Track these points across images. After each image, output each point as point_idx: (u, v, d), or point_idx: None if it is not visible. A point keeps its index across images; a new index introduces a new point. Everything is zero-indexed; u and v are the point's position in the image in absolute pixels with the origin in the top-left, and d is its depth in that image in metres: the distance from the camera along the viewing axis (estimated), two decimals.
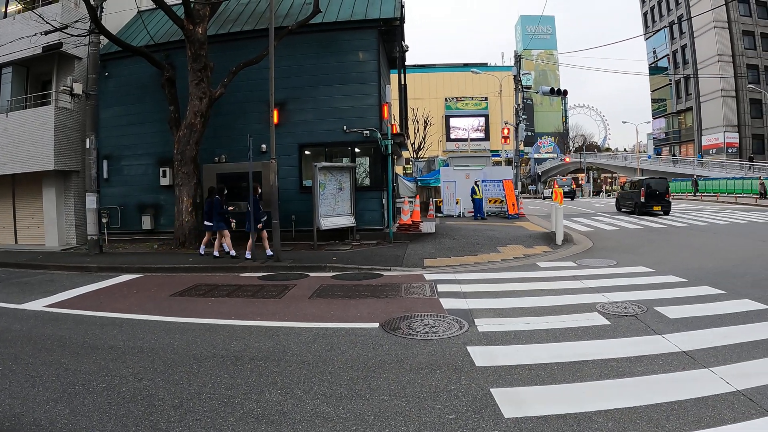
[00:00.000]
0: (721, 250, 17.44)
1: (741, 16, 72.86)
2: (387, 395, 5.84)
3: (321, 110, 21.08)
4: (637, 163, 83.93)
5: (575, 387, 6.10)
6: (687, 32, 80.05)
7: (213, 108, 19.94)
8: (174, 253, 18.59)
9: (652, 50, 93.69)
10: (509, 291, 11.46)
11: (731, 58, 72.38)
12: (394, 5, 22.10)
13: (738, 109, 72.63)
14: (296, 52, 21.16)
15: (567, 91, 37.55)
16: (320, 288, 12.11)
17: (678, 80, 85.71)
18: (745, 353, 7.04)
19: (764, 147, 66.09)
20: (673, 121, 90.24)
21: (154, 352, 7.42)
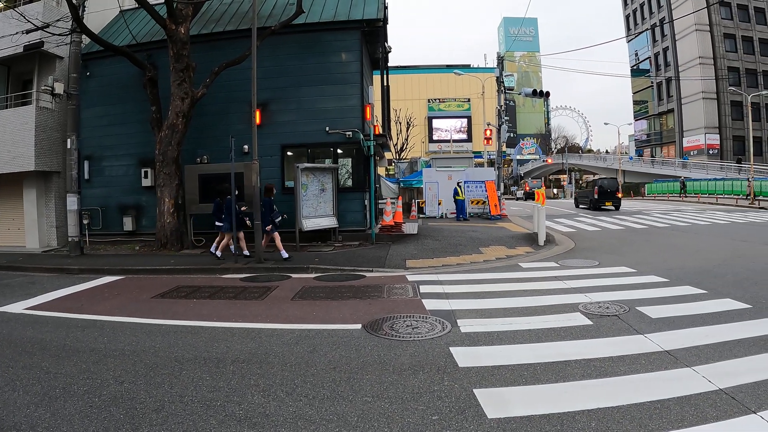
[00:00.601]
0: (702, 250, 17.56)
1: (722, 20, 73.78)
2: (370, 397, 5.83)
3: (303, 111, 21.05)
4: (619, 164, 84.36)
5: (558, 387, 6.12)
6: (669, 35, 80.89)
7: (195, 108, 19.83)
8: (156, 254, 18.50)
9: (634, 52, 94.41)
10: (492, 291, 11.49)
11: (712, 60, 73.25)
12: (377, 6, 22.12)
13: (719, 111, 73.45)
14: (279, 53, 21.12)
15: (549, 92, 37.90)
16: (303, 289, 12.10)
17: (660, 82, 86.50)
18: (727, 352, 7.10)
19: (745, 149, 66.58)
20: (655, 122, 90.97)
21: (135, 355, 7.37)
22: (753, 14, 75.00)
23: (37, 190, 22.89)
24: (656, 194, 66.27)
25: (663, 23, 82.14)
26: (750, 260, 15.09)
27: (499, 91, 38.27)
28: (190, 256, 17.62)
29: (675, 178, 66.43)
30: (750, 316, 8.88)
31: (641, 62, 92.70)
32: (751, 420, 5.20)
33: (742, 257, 15.72)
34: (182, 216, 19.48)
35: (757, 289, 11.12)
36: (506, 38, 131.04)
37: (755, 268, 13.73)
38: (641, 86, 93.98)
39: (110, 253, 19.36)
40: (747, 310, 9.29)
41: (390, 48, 25.63)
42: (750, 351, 7.13)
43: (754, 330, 8.04)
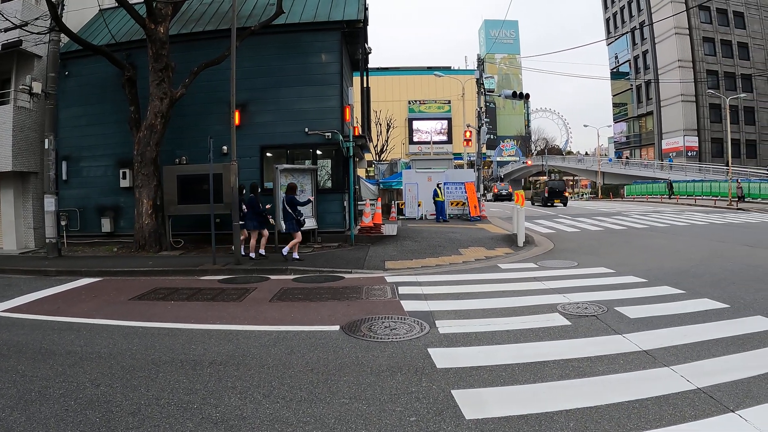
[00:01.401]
0: (680, 250, 17.69)
1: (702, 23, 74.57)
2: (347, 398, 5.82)
3: (283, 112, 21.00)
4: (598, 166, 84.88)
5: (536, 387, 6.13)
6: (648, 38, 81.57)
7: (174, 109, 19.72)
8: (134, 256, 18.37)
9: (614, 55, 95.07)
10: (470, 293, 11.51)
11: (691, 63, 73.95)
12: (358, 7, 22.10)
13: (698, 113, 74.17)
14: (259, 53, 21.06)
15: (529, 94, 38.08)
16: (281, 291, 12.07)
17: (639, 85, 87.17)
18: (705, 351, 7.16)
19: (723, 150, 67.19)
20: (634, 124, 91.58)
21: (112, 358, 7.31)
22: (732, 18, 75.78)
23: (15, 191, 22.66)
24: (635, 195, 66.71)
25: (643, 26, 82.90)
26: (728, 260, 15.24)
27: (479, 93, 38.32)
28: (169, 258, 17.52)
29: (654, 179, 66.94)
30: (728, 316, 8.99)
31: (621, 65, 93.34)
32: (730, 419, 5.23)
33: (720, 257, 15.88)
34: (161, 217, 19.36)
35: (735, 288, 11.25)
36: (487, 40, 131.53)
37: (733, 268, 13.88)
38: (621, 89, 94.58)
39: (88, 255, 19.21)
40: (725, 310, 9.40)
41: (370, 49, 25.62)
42: (728, 350, 7.20)
43: (732, 329, 8.13)
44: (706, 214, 35.75)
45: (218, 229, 17.46)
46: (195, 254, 18.29)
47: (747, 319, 8.79)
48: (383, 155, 74.76)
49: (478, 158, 39.06)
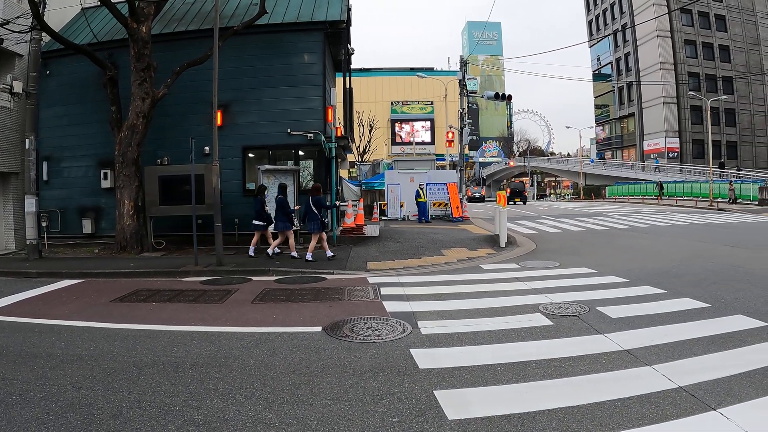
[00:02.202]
0: (661, 251, 17.80)
1: (683, 26, 75.33)
2: (329, 399, 5.80)
3: (265, 112, 20.99)
4: (580, 167, 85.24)
5: (519, 387, 6.15)
6: (630, 40, 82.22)
7: (156, 109, 19.60)
8: (115, 257, 18.26)
9: (597, 57, 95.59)
10: (453, 293, 11.53)
11: (673, 66, 74.67)
12: (341, 8, 22.11)
13: (679, 115, 74.80)
14: (241, 54, 21.00)
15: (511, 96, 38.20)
16: (263, 292, 12.03)
17: (621, 87, 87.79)
18: (686, 350, 7.22)
19: (704, 152, 67.72)
20: (616, 126, 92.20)
21: (93, 360, 7.25)
22: (713, 21, 76.59)
23: None
24: (617, 196, 67.06)
25: (625, 29, 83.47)
26: (708, 260, 15.37)
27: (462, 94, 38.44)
28: (150, 259, 17.44)
29: (636, 180, 67.27)
30: (709, 315, 9.07)
31: (603, 67, 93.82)
32: (711, 417, 5.27)
33: (701, 257, 16.00)
34: (142, 218, 19.24)
35: (716, 288, 11.35)
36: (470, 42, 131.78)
37: (714, 268, 14.00)
38: (603, 90, 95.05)
39: (69, 256, 19.07)
40: (706, 309, 9.48)
41: (353, 50, 25.67)
42: (709, 349, 7.26)
43: (713, 328, 8.20)
44: (687, 214, 35.98)
45: (200, 230, 17.36)
46: (177, 255, 18.21)
47: (728, 318, 8.87)
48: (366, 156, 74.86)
49: (460, 159, 39.20)
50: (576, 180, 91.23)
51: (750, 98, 77.28)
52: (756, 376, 6.24)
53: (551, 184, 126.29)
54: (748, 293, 10.80)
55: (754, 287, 11.42)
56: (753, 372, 6.35)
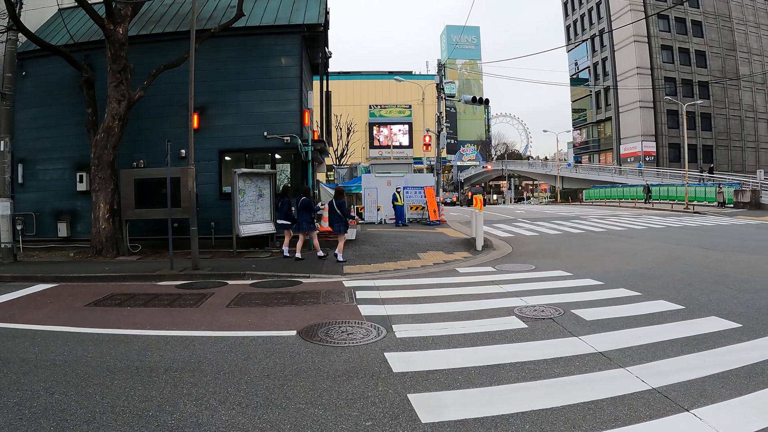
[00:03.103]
0: (637, 253, 17.94)
1: (660, 31, 76.26)
2: (303, 403, 5.80)
3: (242, 115, 20.92)
4: (557, 170, 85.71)
5: (493, 390, 6.17)
6: (608, 45, 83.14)
7: (132, 111, 19.44)
8: (91, 261, 18.11)
9: (574, 62, 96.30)
10: (428, 297, 11.54)
11: (650, 70, 75.52)
12: (319, 11, 22.12)
13: (655, 119, 75.68)
14: (218, 56, 20.96)
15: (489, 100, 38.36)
16: (238, 296, 11.99)
17: (598, 91, 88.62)
18: (660, 352, 7.29)
19: (680, 155, 68.37)
20: (593, 130, 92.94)
21: (67, 365, 7.19)
22: (690, 27, 77.67)
23: None
24: (594, 199, 67.42)
25: (602, 34, 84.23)
26: (684, 263, 15.54)
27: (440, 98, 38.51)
28: (126, 263, 17.33)
29: (612, 183, 67.70)
30: (683, 317, 9.18)
31: (581, 71, 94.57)
32: (684, 418, 5.33)
33: (676, 260, 16.17)
34: (118, 222, 19.10)
35: (691, 290, 11.50)
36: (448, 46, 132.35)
37: (689, 270, 14.18)
38: (580, 95, 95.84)
39: (44, 260, 18.87)
40: (680, 311, 9.60)
41: (330, 53, 25.65)
42: (683, 350, 7.35)
43: (687, 330, 8.30)
44: (663, 217, 36.29)
45: (176, 233, 17.34)
46: (152, 259, 18.11)
47: (702, 319, 8.99)
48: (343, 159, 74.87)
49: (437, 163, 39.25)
50: (553, 183, 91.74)
51: (726, 103, 78.34)
52: (729, 377, 6.33)
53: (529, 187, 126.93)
54: (722, 295, 10.96)
55: (727, 289, 11.59)
56: (726, 373, 6.44)
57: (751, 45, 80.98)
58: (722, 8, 79.58)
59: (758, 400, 5.70)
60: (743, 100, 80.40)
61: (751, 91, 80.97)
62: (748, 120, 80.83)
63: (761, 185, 47.11)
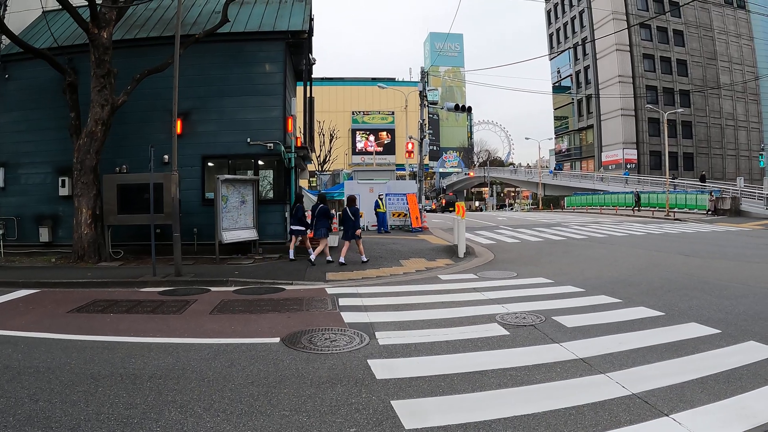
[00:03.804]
0: (618, 260, 18.08)
1: (642, 40, 77.00)
2: (288, 411, 5.83)
3: (225, 121, 20.87)
4: (539, 177, 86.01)
5: (475, 397, 6.23)
6: (590, 54, 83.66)
7: (115, 116, 19.37)
8: (73, 266, 18.02)
9: (557, 70, 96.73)
10: (411, 304, 11.60)
11: (631, 79, 76.12)
12: (303, 18, 22.12)
13: (637, 127, 76.18)
14: (202, 62, 20.90)
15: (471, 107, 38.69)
16: (221, 303, 11.97)
17: (580, 99, 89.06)
18: (640, 358, 7.40)
19: (661, 163, 68.93)
20: (575, 137, 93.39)
21: (51, 372, 7.15)
22: (671, 36, 78.44)
23: None
24: (575, 207, 67.61)
25: (585, 42, 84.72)
26: (664, 269, 15.71)
27: (422, 105, 38.62)
28: (108, 269, 17.26)
29: (594, 191, 67.96)
30: (663, 323, 9.32)
31: (563, 79, 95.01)
32: (664, 423, 5.43)
33: (656, 267, 16.34)
34: (100, 227, 19.01)
35: (670, 296, 11.67)
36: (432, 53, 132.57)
37: (669, 276, 14.35)
38: (562, 102, 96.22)
39: (26, 265, 18.75)
40: (660, 317, 9.74)
41: (314, 60, 25.69)
42: (663, 356, 7.45)
43: (667, 336, 8.43)
44: (644, 224, 36.53)
45: (159, 239, 17.31)
46: (135, 265, 18.04)
47: (681, 326, 9.13)
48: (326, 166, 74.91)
49: (419, 170, 39.34)
50: (535, 190, 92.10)
51: (706, 111, 79.12)
52: (708, 382, 6.44)
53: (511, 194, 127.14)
54: (702, 301, 11.13)
55: (707, 295, 11.77)
56: (705, 378, 6.56)
57: (732, 54, 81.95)
58: (703, 18, 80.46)
59: (736, 405, 5.81)
60: (724, 108, 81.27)
61: (731, 100, 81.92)
62: (728, 128, 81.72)
63: (741, 192, 47.51)
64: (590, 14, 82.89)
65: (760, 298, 11.56)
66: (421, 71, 40.48)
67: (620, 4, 77.10)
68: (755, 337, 8.35)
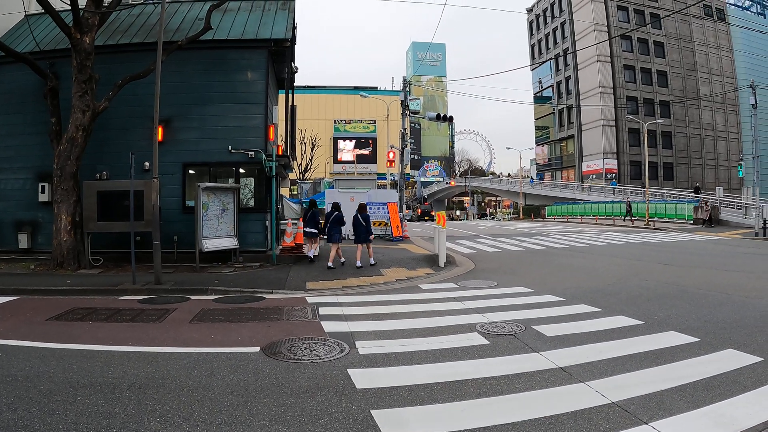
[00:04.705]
0: (598, 269, 18.19)
1: (623, 52, 77.80)
2: (268, 420, 5.83)
3: (207, 129, 20.80)
4: (520, 187, 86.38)
5: (455, 406, 6.25)
6: (571, 64, 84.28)
7: (96, 122, 19.24)
8: (52, 274, 17.87)
9: (538, 80, 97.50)
10: (391, 313, 11.63)
11: (612, 89, 76.79)
12: (286, 26, 22.13)
13: (617, 137, 76.82)
14: (185, 69, 20.84)
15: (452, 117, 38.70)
16: (201, 311, 11.93)
17: (561, 109, 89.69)
18: (620, 367, 7.46)
19: (641, 173, 69.55)
20: (556, 147, 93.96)
21: (29, 381, 7.08)
22: (652, 47, 79.38)
23: None
24: (556, 216, 67.93)
25: (566, 53, 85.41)
26: (643, 279, 15.83)
27: (404, 114, 38.67)
28: (87, 276, 17.15)
29: (574, 200, 68.35)
30: (642, 332, 9.41)
31: (544, 89, 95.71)
32: (643, 431, 5.48)
33: (636, 276, 16.46)
34: (80, 234, 18.88)
35: (650, 305, 11.77)
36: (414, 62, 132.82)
37: (648, 285, 14.48)
38: (544, 113, 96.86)
39: (4, 272, 18.56)
40: (639, 326, 9.84)
41: (296, 68, 25.70)
42: (642, 365, 7.52)
43: (646, 345, 8.51)
44: (624, 234, 36.76)
45: (138, 247, 17.23)
46: (114, 273, 17.94)
47: (660, 334, 9.23)
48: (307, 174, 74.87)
49: (401, 179, 39.35)
50: (516, 200, 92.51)
51: (686, 122, 79.95)
52: (687, 389, 6.52)
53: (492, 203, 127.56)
54: (681, 310, 11.26)
55: (686, 304, 11.92)
56: (684, 386, 6.63)
57: (712, 66, 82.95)
58: (684, 30, 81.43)
59: (714, 412, 5.89)
60: (703, 119, 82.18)
61: (711, 111, 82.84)
62: (707, 138, 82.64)
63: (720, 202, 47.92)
64: (572, 25, 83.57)
65: (738, 306, 11.70)
66: (403, 80, 40.53)
67: (602, 16, 77.87)
68: (734, 345, 8.47)
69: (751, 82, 42.49)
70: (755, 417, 5.75)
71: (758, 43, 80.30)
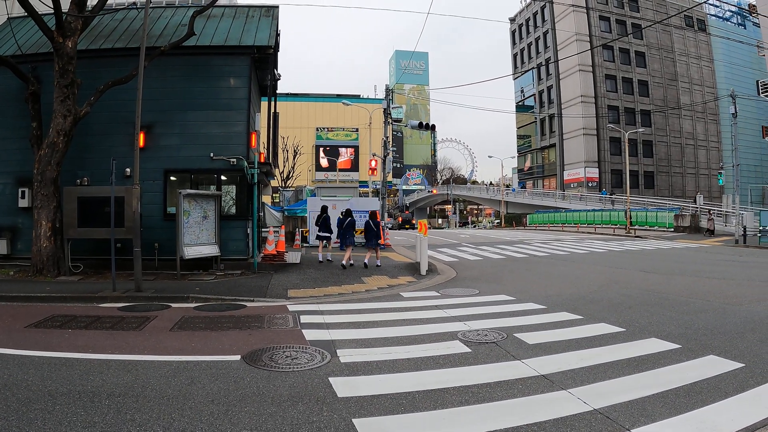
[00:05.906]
0: (579, 277, 18.28)
1: (604, 61, 78.48)
2: (248, 429, 5.79)
3: (189, 135, 20.70)
4: (502, 195, 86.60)
5: (436, 414, 6.24)
6: (553, 74, 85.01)
7: (78, 127, 19.07)
8: (31, 280, 17.71)
9: (520, 89, 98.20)
10: (372, 321, 11.64)
11: (594, 99, 77.48)
12: (269, 33, 22.10)
13: (598, 146, 77.39)
14: (167, 74, 20.74)
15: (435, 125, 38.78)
16: (182, 319, 11.86)
17: (543, 118, 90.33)
18: (601, 374, 7.48)
19: (622, 181, 70.07)
20: (538, 156, 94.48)
21: (7, 389, 7.01)
22: (633, 57, 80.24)
23: None
24: (537, 224, 68.28)
25: (548, 63, 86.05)
26: (624, 286, 15.92)
27: (387, 122, 38.69)
28: (67, 283, 17.03)
29: (556, 209, 68.75)
30: (624, 339, 9.45)
31: (526, 98, 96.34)
32: None
33: (617, 283, 16.55)
34: (60, 240, 18.73)
35: (631, 312, 11.84)
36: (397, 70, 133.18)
37: (630, 293, 14.56)
38: (525, 121, 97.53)
39: None
40: (621, 333, 9.88)
41: (279, 75, 25.66)
42: (623, 372, 7.56)
43: (628, 352, 8.54)
44: (606, 241, 37.00)
45: (119, 254, 17.14)
46: (95, 280, 17.81)
47: (642, 341, 9.27)
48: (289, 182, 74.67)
49: (383, 187, 39.36)
50: (498, 208, 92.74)
51: (667, 131, 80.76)
52: (669, 396, 6.55)
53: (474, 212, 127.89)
54: (662, 317, 11.34)
55: (667, 311, 12.00)
56: (666, 392, 6.66)
57: (692, 76, 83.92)
58: (665, 40, 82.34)
59: (696, 418, 5.92)
60: (684, 128, 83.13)
61: (691, 120, 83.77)
62: (688, 147, 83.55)
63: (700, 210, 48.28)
64: (554, 35, 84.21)
65: (719, 313, 11.80)
66: (386, 89, 40.56)
67: (584, 26, 78.47)
68: (715, 351, 8.53)
69: (731, 92, 42.96)
70: (737, 422, 5.78)
71: (738, 53, 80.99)
